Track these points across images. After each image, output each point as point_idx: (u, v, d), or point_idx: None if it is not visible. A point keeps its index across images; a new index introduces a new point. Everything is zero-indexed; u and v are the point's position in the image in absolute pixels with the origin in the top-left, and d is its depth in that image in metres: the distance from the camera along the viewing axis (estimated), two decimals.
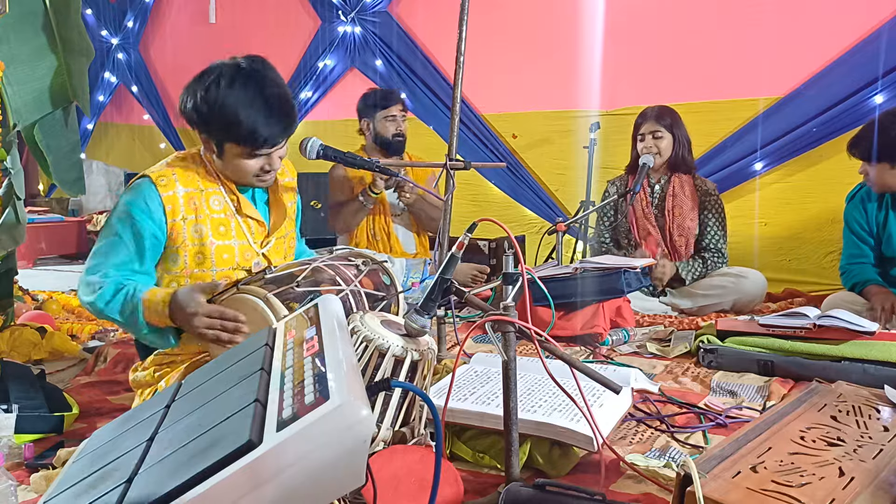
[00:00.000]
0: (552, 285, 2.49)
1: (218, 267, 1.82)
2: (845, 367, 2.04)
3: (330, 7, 4.82)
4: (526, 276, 1.32)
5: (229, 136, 1.75)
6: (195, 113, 1.76)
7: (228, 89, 1.71)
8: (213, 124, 1.75)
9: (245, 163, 1.79)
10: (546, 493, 1.20)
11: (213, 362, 1.30)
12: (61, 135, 2.85)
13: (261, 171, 1.81)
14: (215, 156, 1.82)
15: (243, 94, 1.71)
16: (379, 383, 1.14)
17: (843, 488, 1.12)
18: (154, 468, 0.88)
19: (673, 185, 3.21)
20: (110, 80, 6.29)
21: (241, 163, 1.79)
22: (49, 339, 2.58)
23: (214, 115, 1.73)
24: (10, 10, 2.50)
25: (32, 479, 1.51)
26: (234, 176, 1.84)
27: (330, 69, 4.91)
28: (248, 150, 1.76)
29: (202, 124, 1.77)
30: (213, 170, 1.85)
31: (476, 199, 4.45)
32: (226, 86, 1.72)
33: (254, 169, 1.80)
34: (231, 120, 1.71)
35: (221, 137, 1.76)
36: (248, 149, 1.76)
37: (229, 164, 1.81)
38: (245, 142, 1.74)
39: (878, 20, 3.27)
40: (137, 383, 1.86)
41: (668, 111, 3.21)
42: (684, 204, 3.19)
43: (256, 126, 1.72)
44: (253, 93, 1.72)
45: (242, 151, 1.77)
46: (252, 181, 1.84)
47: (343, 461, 0.80)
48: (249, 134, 1.73)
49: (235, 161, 1.79)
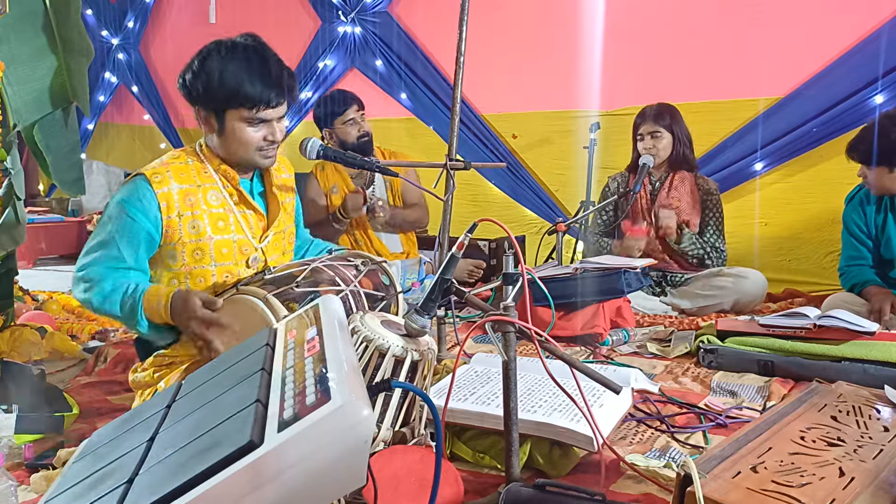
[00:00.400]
0: (552, 285, 2.49)
1: (217, 262, 1.82)
2: (845, 368, 2.04)
3: (330, 7, 4.82)
4: (526, 277, 1.32)
5: (231, 102, 1.75)
6: (195, 82, 1.76)
7: (228, 55, 1.74)
8: (214, 91, 1.75)
9: (247, 133, 1.78)
10: (546, 493, 1.20)
11: (213, 363, 1.30)
12: (61, 135, 2.85)
13: (264, 142, 1.80)
14: (215, 134, 1.81)
15: (243, 58, 1.75)
16: (379, 383, 1.14)
17: (843, 488, 1.12)
18: (155, 468, 0.88)
19: (672, 179, 3.22)
20: (111, 80, 6.29)
21: (244, 134, 1.78)
22: (49, 339, 2.58)
23: (213, 81, 1.74)
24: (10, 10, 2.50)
25: (32, 479, 1.51)
26: (238, 152, 1.82)
27: (330, 69, 4.91)
28: (248, 114, 1.76)
29: (203, 94, 1.77)
30: (210, 164, 1.84)
31: (476, 199, 4.45)
32: (225, 53, 1.75)
33: (256, 140, 1.79)
34: (230, 81, 1.73)
35: (222, 105, 1.76)
36: (248, 112, 1.75)
37: (232, 140, 1.79)
38: (247, 103, 1.74)
39: (878, 20, 3.27)
40: (137, 384, 1.86)
41: (668, 109, 3.20)
42: (682, 198, 3.20)
43: (256, 85, 1.73)
44: (251, 57, 1.75)
45: (243, 117, 1.76)
46: (255, 158, 1.82)
47: (344, 461, 0.80)
48: (250, 93, 1.73)
49: (238, 132, 1.78)
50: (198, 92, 1.77)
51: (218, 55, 1.75)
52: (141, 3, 5.95)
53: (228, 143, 1.81)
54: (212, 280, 1.81)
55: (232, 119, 1.77)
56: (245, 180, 1.89)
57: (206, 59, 1.76)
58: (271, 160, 1.87)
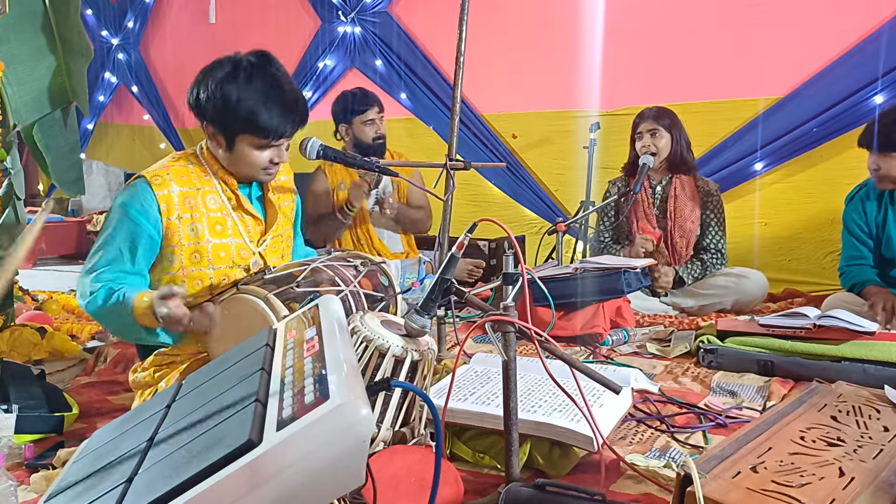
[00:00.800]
0: (552, 285, 2.49)
1: (215, 265, 1.82)
2: (845, 367, 2.04)
3: (330, 7, 4.82)
4: (526, 277, 1.32)
5: (245, 129, 1.76)
6: (209, 106, 1.76)
7: (246, 83, 1.74)
8: (229, 117, 1.75)
9: (256, 155, 1.80)
10: (546, 493, 1.20)
11: (213, 363, 1.31)
12: (60, 135, 2.85)
13: (269, 163, 1.83)
14: (222, 150, 1.81)
15: (261, 87, 1.74)
16: (379, 383, 1.14)
17: (843, 488, 1.12)
18: (154, 468, 0.88)
19: (674, 186, 3.21)
20: (110, 80, 6.29)
21: (253, 155, 1.80)
22: (49, 339, 2.58)
23: (230, 107, 1.73)
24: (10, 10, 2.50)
25: (32, 479, 1.51)
26: (242, 169, 1.83)
27: (330, 69, 4.91)
28: (261, 141, 1.78)
29: (216, 117, 1.77)
30: (209, 168, 1.85)
31: (476, 199, 4.45)
32: (243, 80, 1.74)
33: (263, 161, 1.82)
34: (248, 112, 1.73)
35: (235, 130, 1.77)
36: (261, 140, 1.77)
37: (240, 158, 1.81)
38: (261, 133, 1.76)
39: (878, 20, 3.27)
40: (137, 384, 1.86)
41: (667, 111, 3.20)
42: (685, 206, 3.19)
43: (273, 118, 1.74)
44: (269, 86, 1.75)
45: (255, 143, 1.78)
46: (258, 174, 1.85)
47: (343, 461, 0.80)
48: (266, 125, 1.75)
49: (246, 154, 1.80)
50: (210, 112, 1.77)
51: (234, 80, 1.74)
52: (141, 3, 5.95)
53: (235, 161, 1.83)
54: (209, 282, 1.82)
55: (242, 143, 1.79)
56: (244, 186, 1.90)
57: (222, 82, 1.74)
58: (272, 176, 1.89)
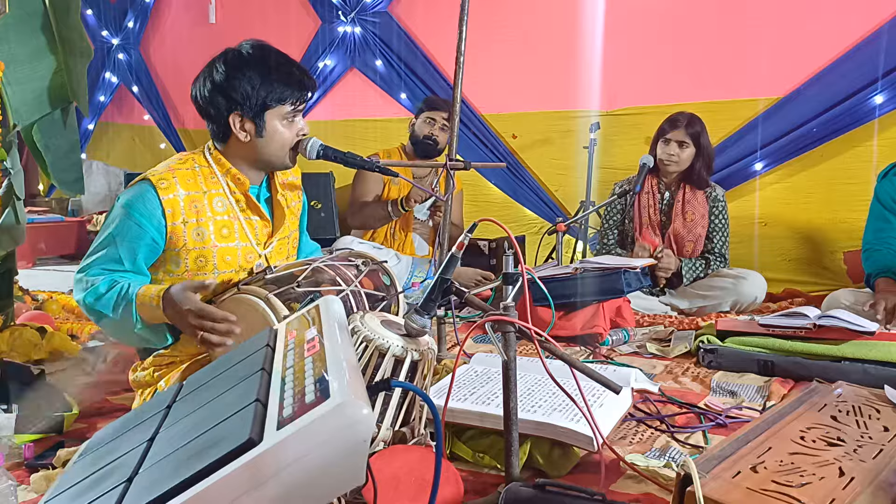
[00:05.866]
0: (552, 285, 2.49)
1: (220, 269, 1.82)
2: (845, 367, 2.04)
3: (330, 7, 4.81)
4: (526, 276, 1.32)
5: (270, 98, 1.78)
6: (228, 87, 1.77)
7: (254, 59, 1.79)
8: (256, 91, 1.77)
9: (283, 133, 1.84)
10: (546, 493, 1.20)
11: (214, 363, 1.31)
12: (60, 135, 2.85)
13: (295, 138, 1.86)
14: (252, 137, 1.82)
15: (267, 58, 1.81)
16: (379, 383, 1.14)
17: (843, 488, 1.12)
18: (154, 467, 0.88)
19: (684, 190, 3.20)
20: (111, 80, 6.28)
21: (281, 133, 1.83)
22: (49, 339, 2.57)
23: (255, 81, 1.77)
24: (10, 11, 2.50)
25: (32, 479, 1.51)
26: (275, 153, 1.85)
27: (330, 69, 4.90)
28: (286, 110, 1.81)
29: (243, 98, 1.78)
30: (219, 169, 1.84)
31: (476, 199, 4.45)
32: (250, 57, 1.79)
33: (291, 139, 1.85)
34: (269, 80, 1.78)
35: (261, 105, 1.79)
36: (286, 108, 1.81)
37: (271, 138, 1.83)
38: (288, 96, 1.80)
39: (878, 20, 3.27)
40: (137, 383, 1.86)
41: (699, 121, 3.16)
42: (696, 211, 3.19)
43: (291, 77, 1.80)
44: (274, 56, 1.83)
45: (282, 114, 1.81)
46: (286, 159, 1.88)
47: (343, 460, 0.80)
48: (287, 83, 1.79)
49: (278, 132, 1.83)
50: (239, 97, 1.78)
51: (242, 58, 1.79)
52: (141, 3, 5.94)
53: (267, 145, 1.84)
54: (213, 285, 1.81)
55: (272, 119, 1.82)
56: (254, 186, 1.89)
57: (232, 62, 1.78)
58: (295, 162, 1.92)
